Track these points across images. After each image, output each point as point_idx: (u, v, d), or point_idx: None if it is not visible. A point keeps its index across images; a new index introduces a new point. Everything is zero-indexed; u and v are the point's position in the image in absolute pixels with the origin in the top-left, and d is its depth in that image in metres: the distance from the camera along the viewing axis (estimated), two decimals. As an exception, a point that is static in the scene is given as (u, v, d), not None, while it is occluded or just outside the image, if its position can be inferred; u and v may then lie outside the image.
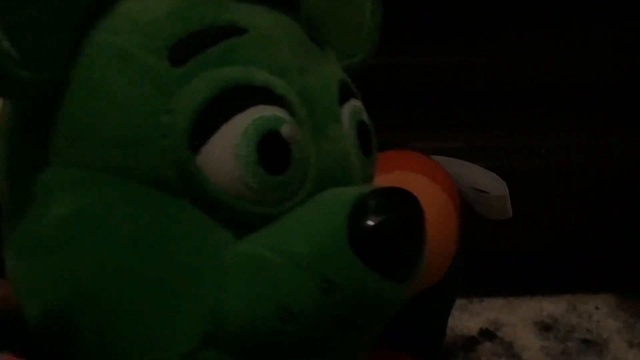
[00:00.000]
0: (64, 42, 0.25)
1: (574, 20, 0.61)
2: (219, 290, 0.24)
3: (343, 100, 0.29)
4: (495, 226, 0.44)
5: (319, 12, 0.32)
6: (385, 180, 0.38)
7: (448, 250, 0.38)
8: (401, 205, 0.25)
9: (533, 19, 0.60)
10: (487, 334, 0.56)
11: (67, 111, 0.25)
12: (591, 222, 0.60)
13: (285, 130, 0.25)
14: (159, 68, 0.25)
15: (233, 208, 0.25)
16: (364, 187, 0.27)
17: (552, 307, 0.59)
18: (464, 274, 0.42)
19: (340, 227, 0.24)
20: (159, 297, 0.24)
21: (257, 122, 0.24)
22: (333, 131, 0.28)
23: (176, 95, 0.24)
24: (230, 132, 0.24)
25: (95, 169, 0.25)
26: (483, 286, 0.58)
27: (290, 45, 0.28)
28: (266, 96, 0.25)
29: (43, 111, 0.26)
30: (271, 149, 0.25)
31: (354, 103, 0.30)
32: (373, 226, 0.24)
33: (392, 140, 0.42)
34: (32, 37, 0.24)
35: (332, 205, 0.25)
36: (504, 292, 0.60)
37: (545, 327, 0.57)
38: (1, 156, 0.27)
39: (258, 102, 0.25)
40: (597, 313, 0.59)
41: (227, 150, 0.24)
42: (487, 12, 0.59)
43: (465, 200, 0.41)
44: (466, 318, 0.57)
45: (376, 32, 0.34)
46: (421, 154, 0.40)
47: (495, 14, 0.59)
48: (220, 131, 0.24)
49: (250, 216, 0.25)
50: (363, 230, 0.24)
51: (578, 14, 0.60)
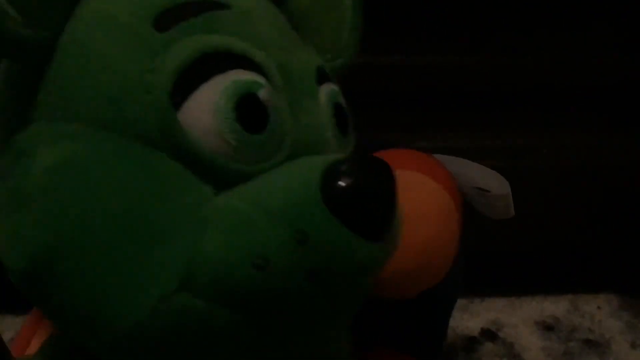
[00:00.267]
0: (62, 3, 0.27)
1: (574, 20, 0.61)
2: (196, 239, 0.25)
3: (321, 81, 0.31)
4: (497, 226, 0.44)
5: (301, 14, 0.34)
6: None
7: (449, 250, 0.38)
8: (372, 168, 0.26)
9: (533, 19, 0.60)
10: (489, 334, 0.56)
11: (56, 70, 0.27)
12: (593, 222, 0.60)
13: (263, 93, 0.26)
14: (144, 32, 0.26)
15: (212, 163, 0.26)
16: (340, 155, 0.28)
17: (554, 307, 0.59)
18: (465, 274, 0.42)
19: (314, 185, 0.25)
20: (137, 244, 0.25)
21: (236, 83, 0.26)
22: (310, 106, 0.29)
23: (159, 56, 0.26)
24: (210, 91, 0.25)
25: (80, 123, 0.26)
26: (484, 286, 0.58)
27: (271, 24, 0.30)
28: (246, 62, 0.27)
29: (33, 71, 0.27)
30: (249, 110, 0.26)
31: (331, 86, 0.31)
32: (345, 185, 0.25)
33: (394, 139, 0.42)
34: None
35: (307, 166, 0.26)
36: (506, 292, 0.60)
37: (547, 327, 0.57)
38: None
39: (238, 67, 0.26)
40: (599, 313, 0.59)
41: (207, 107, 0.25)
42: (488, 12, 0.59)
43: (467, 199, 0.41)
44: (467, 318, 0.57)
45: (357, 37, 0.35)
46: (423, 153, 0.40)
47: (495, 14, 0.59)
48: (200, 89, 0.25)
49: (228, 172, 0.26)
50: (335, 188, 0.25)
51: (578, 14, 0.60)
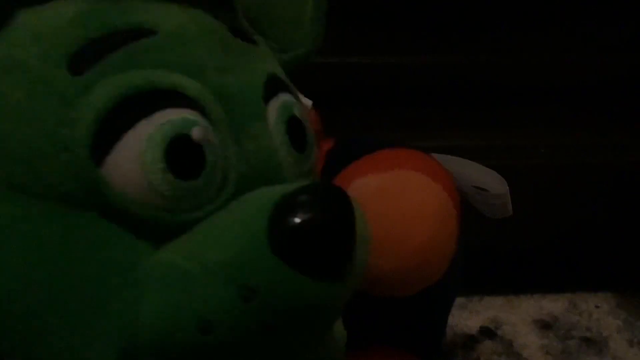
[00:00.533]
0: None
1: (573, 18, 0.61)
2: (135, 303, 0.23)
3: (270, 95, 0.28)
4: (495, 224, 0.44)
5: (256, 4, 0.32)
6: (384, 178, 0.38)
7: (448, 248, 0.38)
8: (325, 201, 0.24)
9: (531, 17, 0.60)
10: (487, 333, 0.56)
11: None
12: (591, 221, 0.60)
13: (196, 132, 0.24)
14: (58, 78, 0.24)
15: (146, 218, 0.24)
16: (290, 185, 0.25)
17: (552, 306, 0.59)
18: (464, 272, 0.42)
19: (260, 229, 0.23)
20: (71, 315, 0.23)
21: (164, 127, 0.23)
22: (257, 130, 0.27)
23: (76, 105, 0.23)
24: (135, 140, 0.23)
25: None
26: (483, 284, 0.58)
27: (206, 44, 0.27)
28: (175, 99, 0.24)
29: None
30: (181, 154, 0.24)
31: (284, 98, 0.29)
32: (294, 225, 0.23)
33: (392, 138, 0.42)
34: None
35: (253, 206, 0.24)
36: (504, 291, 0.60)
37: (545, 326, 0.57)
38: None
39: (165, 106, 0.24)
40: (597, 311, 0.59)
41: (133, 158, 0.23)
42: (486, 10, 0.59)
43: (465, 198, 0.41)
44: (466, 316, 0.57)
45: (320, 24, 0.33)
46: (421, 152, 0.40)
47: (494, 12, 0.59)
48: (124, 140, 0.23)
49: (165, 225, 0.24)
50: (284, 230, 0.23)
51: (578, 14, 0.60)
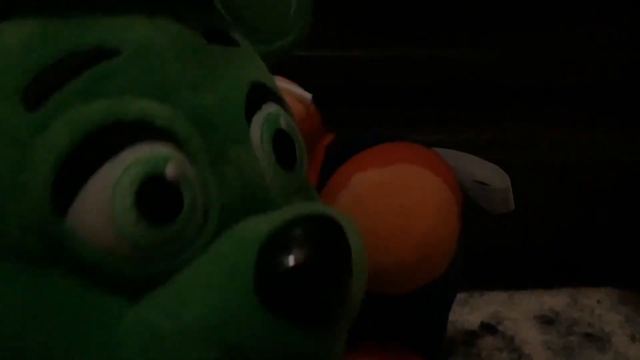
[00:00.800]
0: None
1: (575, 15, 0.61)
2: None
3: (253, 110, 0.25)
4: (496, 220, 0.44)
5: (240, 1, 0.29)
6: (386, 172, 0.38)
7: (449, 244, 0.38)
8: (318, 238, 0.21)
9: (533, 14, 0.60)
10: (488, 328, 0.56)
11: None
12: (592, 216, 0.60)
13: (170, 170, 0.21)
14: (11, 115, 0.21)
15: (119, 271, 0.21)
16: (278, 216, 0.22)
17: (554, 301, 0.59)
18: (465, 268, 0.42)
19: (244, 278, 0.20)
20: None
21: (133, 169, 0.20)
22: (238, 153, 0.24)
23: (33, 147, 0.20)
24: (100, 186, 0.20)
25: None
26: (484, 280, 0.58)
27: (178, 56, 0.23)
28: (143, 131, 0.21)
29: None
30: (155, 197, 0.21)
31: (269, 109, 0.26)
32: (283, 271, 0.20)
33: (394, 133, 0.42)
34: None
35: (236, 249, 0.22)
36: (505, 286, 0.60)
37: (546, 321, 0.57)
38: None
39: (133, 142, 0.21)
40: (599, 307, 0.59)
41: (100, 208, 0.20)
42: (488, 6, 0.59)
43: (466, 193, 0.41)
44: (467, 312, 0.57)
45: (307, 12, 0.31)
46: (422, 147, 0.40)
47: (496, 8, 0.59)
48: (88, 185, 0.20)
49: (142, 276, 0.21)
50: (272, 278, 0.20)
51: (577, 9, 0.60)
